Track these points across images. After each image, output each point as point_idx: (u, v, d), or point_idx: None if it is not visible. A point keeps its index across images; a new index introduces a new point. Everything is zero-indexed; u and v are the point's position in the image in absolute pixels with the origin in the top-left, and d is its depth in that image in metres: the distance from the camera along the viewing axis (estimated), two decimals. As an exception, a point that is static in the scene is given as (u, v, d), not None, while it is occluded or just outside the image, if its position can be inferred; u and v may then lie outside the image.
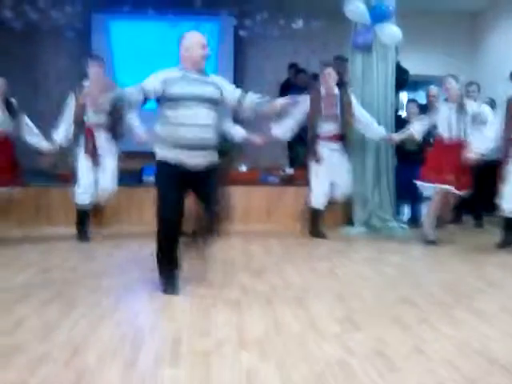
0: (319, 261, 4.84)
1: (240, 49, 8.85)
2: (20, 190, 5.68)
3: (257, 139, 5.59)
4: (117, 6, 8.23)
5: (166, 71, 3.80)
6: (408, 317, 3.33)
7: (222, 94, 3.83)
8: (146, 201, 6.32)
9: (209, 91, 3.76)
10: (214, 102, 3.78)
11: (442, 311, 3.46)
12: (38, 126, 5.65)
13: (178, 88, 3.69)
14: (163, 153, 3.74)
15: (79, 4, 8.03)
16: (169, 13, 8.29)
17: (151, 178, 6.83)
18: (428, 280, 4.29)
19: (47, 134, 5.61)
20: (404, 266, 4.79)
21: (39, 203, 6.30)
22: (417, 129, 5.81)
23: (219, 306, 3.49)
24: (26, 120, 5.61)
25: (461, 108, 5.48)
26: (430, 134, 5.91)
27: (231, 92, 3.91)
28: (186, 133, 3.66)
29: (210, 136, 3.76)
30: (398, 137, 5.98)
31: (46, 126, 5.65)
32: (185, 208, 3.75)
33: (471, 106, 5.58)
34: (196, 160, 3.71)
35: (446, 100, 5.61)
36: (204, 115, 3.71)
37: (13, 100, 5.57)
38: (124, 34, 8.98)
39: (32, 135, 5.60)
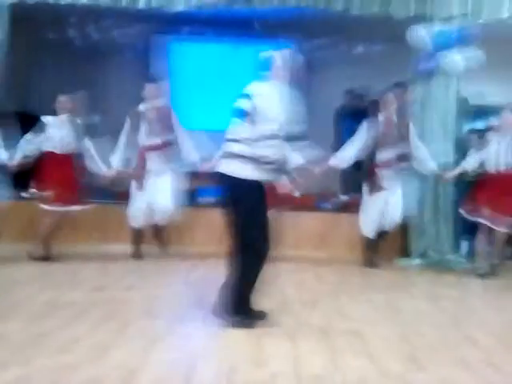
0: (375, 292, 4.68)
1: (297, 73, 8.80)
2: (79, 209, 5.62)
3: (315, 169, 5.44)
4: (177, 28, 8.32)
5: (275, 88, 3.57)
6: (473, 357, 3.15)
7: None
8: (199, 222, 6.36)
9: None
10: None
11: (507, 351, 3.28)
12: (96, 145, 5.70)
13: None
14: (256, 173, 3.50)
15: (140, 25, 8.16)
16: (228, 35, 8.35)
17: (206, 200, 6.87)
18: (490, 318, 4.10)
19: (105, 155, 5.67)
20: (464, 302, 4.61)
21: (95, 220, 6.30)
22: (469, 164, 5.73)
23: (273, 337, 3.38)
24: (89, 145, 5.65)
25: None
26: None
27: None
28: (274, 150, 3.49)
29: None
30: (450, 175, 5.82)
31: (105, 145, 5.68)
32: None
33: None
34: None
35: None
36: None
37: (79, 121, 5.64)
38: (184, 56, 9.06)
39: (92, 161, 5.65)
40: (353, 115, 7.70)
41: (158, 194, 5.62)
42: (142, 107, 5.71)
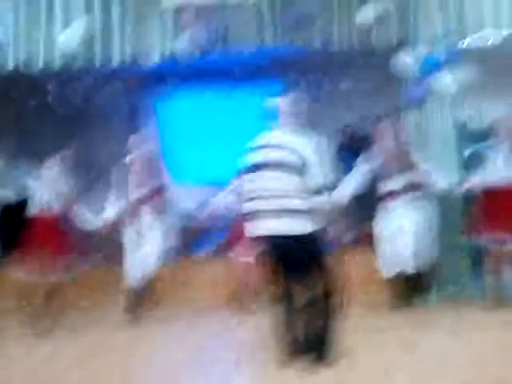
0: (390, 334, 4.23)
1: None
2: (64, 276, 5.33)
3: None
4: (163, 85, 8.18)
5: (307, 136, 3.57)
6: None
7: None
8: (198, 275, 5.97)
9: None
10: None
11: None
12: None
13: None
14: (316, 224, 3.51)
15: (124, 85, 8.00)
16: (212, 86, 8.21)
17: (202, 251, 6.50)
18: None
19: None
20: (491, 338, 4.09)
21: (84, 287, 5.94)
22: (473, 181, 5.35)
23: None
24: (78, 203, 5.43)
25: None
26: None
27: None
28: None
29: None
30: (468, 185, 5.41)
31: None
32: None
33: None
34: None
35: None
36: None
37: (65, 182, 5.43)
38: (172, 112, 8.91)
39: (84, 216, 5.40)
40: (352, 153, 7.43)
41: (147, 248, 5.32)
42: (127, 159, 5.50)
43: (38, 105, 7.69)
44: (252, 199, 3.52)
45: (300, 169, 3.38)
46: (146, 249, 5.31)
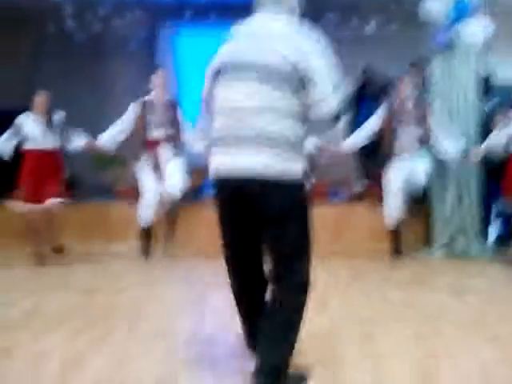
0: (393, 288, 4.20)
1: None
2: (61, 205, 5.35)
3: (324, 157, 5.21)
4: (183, 16, 7.98)
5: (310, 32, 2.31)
6: (499, 362, 2.68)
7: None
8: (204, 220, 5.99)
9: None
10: None
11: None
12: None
13: None
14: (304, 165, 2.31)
15: (144, 15, 7.83)
16: (233, 20, 7.99)
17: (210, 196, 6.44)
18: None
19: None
20: (491, 295, 4.09)
21: (97, 220, 6.03)
22: (494, 141, 5.33)
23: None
24: (71, 133, 5.44)
25: None
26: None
27: None
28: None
29: None
30: (476, 156, 5.41)
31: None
32: None
33: None
34: None
35: None
36: None
37: (56, 116, 5.38)
38: (190, 44, 8.73)
39: (73, 141, 5.43)
40: (371, 94, 7.26)
41: (169, 176, 5.38)
42: (148, 97, 5.49)
43: (56, 31, 7.53)
44: (219, 120, 2.31)
45: (301, 79, 2.20)
46: (168, 176, 5.36)
